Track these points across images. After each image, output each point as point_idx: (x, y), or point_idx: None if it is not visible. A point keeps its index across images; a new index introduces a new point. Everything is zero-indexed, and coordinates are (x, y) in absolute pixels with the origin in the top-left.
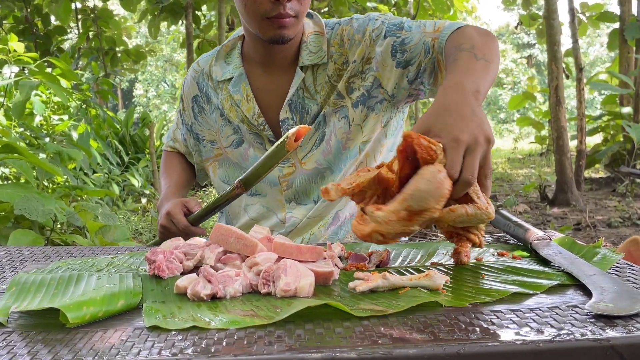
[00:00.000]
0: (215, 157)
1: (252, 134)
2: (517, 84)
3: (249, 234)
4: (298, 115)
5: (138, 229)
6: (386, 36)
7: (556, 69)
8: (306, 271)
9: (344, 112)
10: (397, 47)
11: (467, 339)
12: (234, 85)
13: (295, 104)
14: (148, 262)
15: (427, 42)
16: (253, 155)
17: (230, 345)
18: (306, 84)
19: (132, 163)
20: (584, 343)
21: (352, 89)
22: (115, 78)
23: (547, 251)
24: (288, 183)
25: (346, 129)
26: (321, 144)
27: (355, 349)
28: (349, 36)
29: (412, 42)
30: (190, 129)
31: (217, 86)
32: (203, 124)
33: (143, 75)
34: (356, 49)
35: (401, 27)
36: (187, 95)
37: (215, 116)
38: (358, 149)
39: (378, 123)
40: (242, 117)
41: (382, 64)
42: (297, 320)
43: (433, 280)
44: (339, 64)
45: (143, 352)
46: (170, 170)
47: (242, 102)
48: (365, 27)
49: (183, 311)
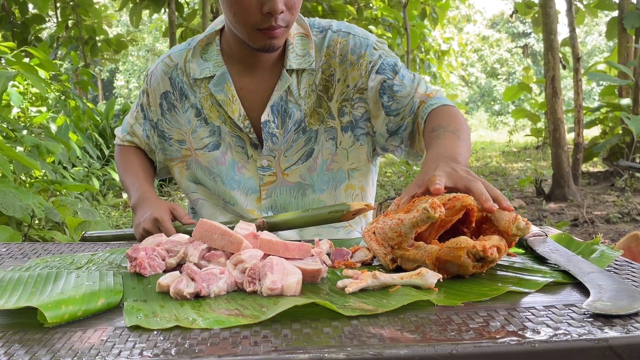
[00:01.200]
0: (182, 157)
1: (234, 136)
2: (512, 75)
3: (234, 230)
4: (280, 119)
5: (119, 225)
6: (379, 72)
7: (552, 59)
8: (293, 269)
9: (332, 133)
10: (386, 90)
11: (460, 339)
12: (217, 84)
13: (277, 106)
14: (129, 259)
15: (415, 102)
16: (230, 160)
17: (215, 345)
18: (291, 87)
19: (112, 156)
20: (581, 343)
21: (343, 112)
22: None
23: (543, 248)
24: (268, 192)
25: (332, 151)
26: (308, 159)
27: (344, 350)
28: (342, 51)
29: (401, 94)
30: (154, 126)
31: (194, 84)
32: (172, 123)
33: (124, 65)
34: (349, 71)
35: (395, 70)
36: (155, 91)
37: (189, 115)
38: (346, 174)
39: (364, 155)
40: (225, 118)
41: (373, 100)
42: (283, 320)
43: (425, 279)
44: (327, 74)
45: (124, 352)
46: (133, 165)
47: (226, 103)
48: (362, 52)
49: (165, 310)
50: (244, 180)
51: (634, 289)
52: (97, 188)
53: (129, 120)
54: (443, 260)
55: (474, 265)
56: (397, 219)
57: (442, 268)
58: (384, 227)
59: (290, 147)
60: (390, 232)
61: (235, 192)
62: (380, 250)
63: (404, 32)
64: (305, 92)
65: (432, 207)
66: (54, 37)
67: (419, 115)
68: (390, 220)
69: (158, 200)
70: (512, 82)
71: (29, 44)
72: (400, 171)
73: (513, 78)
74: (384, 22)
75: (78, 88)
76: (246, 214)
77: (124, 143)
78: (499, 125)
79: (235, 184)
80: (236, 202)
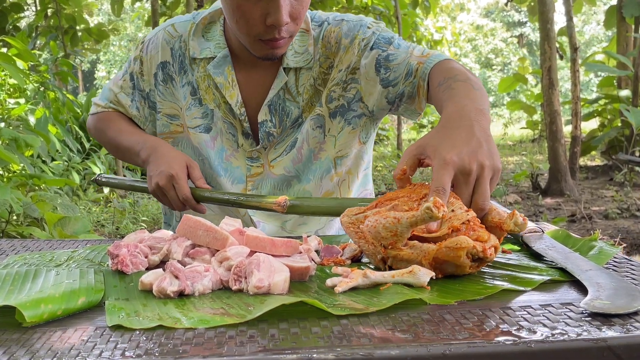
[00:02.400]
0: (171, 133)
1: (226, 122)
2: (507, 65)
3: (219, 226)
4: (277, 118)
5: (100, 221)
6: (373, 48)
7: (549, 49)
8: (280, 266)
9: (319, 120)
10: (382, 62)
11: (453, 339)
12: (217, 66)
13: (275, 104)
14: (111, 256)
15: (411, 65)
16: (219, 146)
17: (199, 345)
18: (288, 85)
19: (93, 150)
20: (579, 343)
21: (331, 97)
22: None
23: (539, 245)
24: (254, 183)
25: (320, 139)
26: (292, 150)
27: (333, 350)
28: (336, 39)
29: (396, 61)
30: (145, 97)
31: (193, 62)
32: (165, 95)
33: (105, 55)
34: (343, 55)
35: (390, 42)
36: (152, 59)
37: (186, 92)
38: (332, 163)
39: (356, 138)
40: (220, 102)
41: (366, 77)
42: (270, 319)
43: (417, 277)
44: (325, 67)
45: (105, 353)
46: (125, 125)
47: (225, 87)
48: (355, 33)
49: (148, 309)
50: (231, 169)
51: (633, 287)
52: (78, 183)
53: (112, 88)
54: (441, 260)
55: (471, 265)
56: (392, 218)
57: (438, 268)
58: (377, 226)
59: (282, 141)
60: (385, 231)
61: (221, 178)
62: (370, 249)
63: (395, 21)
64: (304, 88)
65: (436, 207)
66: (32, 26)
67: (419, 77)
68: (384, 219)
69: (174, 152)
70: (507, 73)
71: (7, 33)
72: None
73: (508, 69)
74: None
75: (58, 79)
76: None
77: (107, 109)
78: (493, 118)
79: (223, 171)
80: (221, 189)
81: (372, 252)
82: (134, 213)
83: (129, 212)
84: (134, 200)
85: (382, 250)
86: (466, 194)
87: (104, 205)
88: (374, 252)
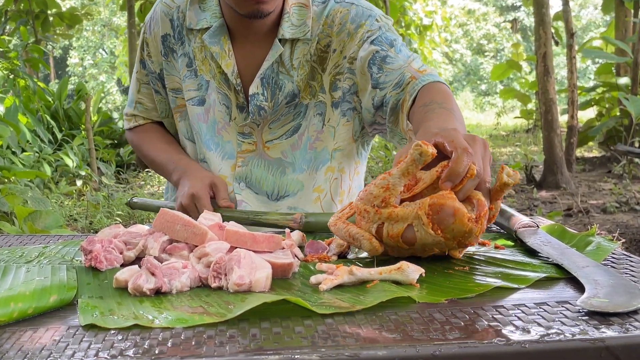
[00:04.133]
0: (178, 107)
1: (220, 93)
2: (500, 52)
3: (198, 221)
4: (269, 92)
5: (73, 215)
6: (374, 42)
7: (544, 35)
8: (262, 262)
9: (321, 108)
10: (377, 61)
11: (443, 339)
12: (212, 36)
13: (268, 78)
14: (84, 252)
15: (404, 76)
16: (212, 118)
17: (177, 346)
18: (283, 57)
19: (65, 140)
20: (576, 344)
21: (336, 86)
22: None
23: (534, 240)
24: (245, 160)
25: (318, 127)
26: (293, 135)
27: (317, 351)
28: (341, 20)
29: (392, 66)
30: (159, 78)
31: (190, 33)
32: (169, 70)
33: (78, 41)
34: (347, 42)
35: (392, 44)
36: (156, 36)
37: (182, 63)
38: (330, 155)
39: (349, 132)
40: (215, 72)
41: (361, 71)
42: (252, 318)
43: (406, 274)
44: (322, 45)
45: (78, 353)
46: (158, 142)
47: (221, 56)
48: (362, 22)
49: (123, 308)
50: (222, 143)
51: (632, 284)
52: (49, 175)
53: (132, 90)
54: (438, 205)
55: (470, 217)
56: (383, 174)
57: (437, 220)
58: (368, 189)
59: (277, 120)
60: (377, 189)
61: (211, 153)
62: (362, 231)
63: (383, 5)
64: (299, 62)
65: (424, 143)
66: (1, 10)
67: (407, 92)
68: (374, 181)
69: (200, 172)
70: (500, 60)
71: None
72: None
73: (501, 55)
74: None
75: (28, 66)
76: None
77: (137, 123)
78: (486, 107)
79: (213, 145)
80: (211, 164)
81: (365, 232)
82: (109, 207)
83: (103, 206)
84: (108, 193)
85: (376, 212)
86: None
87: (76, 199)
88: (368, 221)
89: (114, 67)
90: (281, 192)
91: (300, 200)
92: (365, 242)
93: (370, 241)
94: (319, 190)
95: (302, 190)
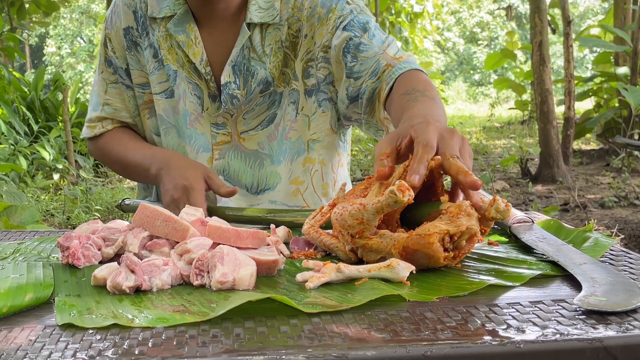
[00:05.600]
0: (146, 103)
1: (191, 83)
2: (494, 40)
3: (179, 216)
4: (242, 79)
5: (49, 210)
6: (346, 28)
7: (540, 22)
8: (246, 259)
9: (294, 96)
10: (351, 49)
11: (435, 339)
12: (177, 24)
13: (239, 65)
14: (61, 248)
15: (380, 63)
16: (183, 110)
17: (157, 346)
18: (253, 43)
19: (42, 132)
20: (572, 344)
21: (308, 73)
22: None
23: (529, 236)
24: (221, 153)
25: (292, 117)
26: (269, 126)
27: (303, 351)
28: (311, 4)
29: (366, 53)
30: (127, 73)
31: (153, 22)
32: (133, 64)
33: (55, 29)
34: (317, 27)
35: (365, 28)
36: (118, 29)
37: (148, 55)
38: (306, 146)
39: (327, 123)
40: (184, 61)
41: (336, 60)
42: (235, 317)
43: (396, 271)
44: (294, 30)
45: (55, 354)
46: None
47: (187, 45)
48: (332, 5)
49: (102, 306)
50: (195, 135)
51: (631, 282)
52: (25, 168)
53: (97, 92)
54: (411, 250)
55: (446, 256)
56: (358, 204)
57: (410, 259)
58: (343, 214)
59: (251, 110)
60: (351, 219)
61: (186, 147)
62: (337, 242)
63: None
64: (271, 49)
65: (400, 190)
66: None
67: (383, 80)
68: (350, 206)
69: (189, 162)
70: (494, 49)
71: None
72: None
73: (495, 44)
74: None
75: (3, 55)
76: None
77: (104, 129)
78: (479, 97)
79: (187, 138)
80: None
81: (340, 244)
82: (87, 201)
83: (81, 201)
84: (87, 187)
85: (350, 240)
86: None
87: (53, 193)
88: (343, 242)
89: (92, 56)
90: (261, 186)
91: (279, 193)
92: (340, 253)
93: (345, 253)
94: (298, 182)
95: (280, 182)
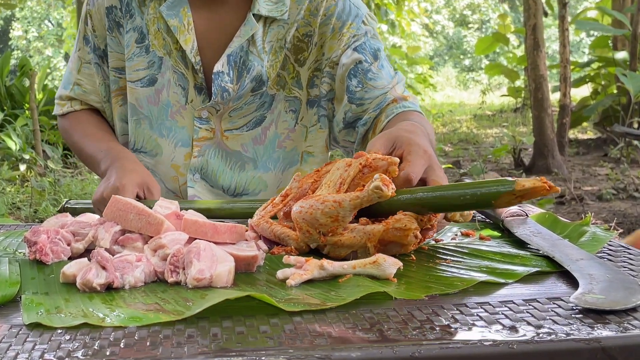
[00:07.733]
0: (120, 89)
1: (176, 72)
2: (486, 23)
3: (153, 209)
4: (236, 72)
5: (15, 203)
6: (358, 50)
7: (534, 5)
8: (224, 255)
9: (295, 104)
10: (358, 73)
11: (423, 339)
12: (171, 7)
13: (236, 56)
14: (28, 243)
15: (387, 98)
16: (165, 100)
17: (130, 347)
18: (255, 36)
19: (8, 121)
20: (569, 344)
21: (313, 83)
22: None
23: (522, 230)
24: (201, 150)
25: (290, 125)
26: (256, 128)
27: (284, 352)
28: (327, 12)
29: (374, 83)
30: (104, 54)
31: (143, 3)
32: (112, 46)
33: (22, 12)
34: (328, 37)
35: (376, 56)
36: (100, 7)
37: (130, 39)
38: (300, 157)
39: (323, 140)
40: (171, 48)
41: (340, 79)
42: (212, 316)
43: (382, 268)
44: (302, 33)
45: (22, 355)
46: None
47: (179, 30)
48: (348, 21)
49: (71, 305)
50: (175, 128)
51: (630, 279)
52: None
53: (71, 69)
54: (386, 241)
55: (415, 243)
56: (332, 202)
57: (382, 249)
58: (314, 213)
59: (239, 108)
60: (324, 217)
61: (162, 140)
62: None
63: None
64: (271, 47)
65: (385, 185)
66: None
67: (385, 112)
68: (321, 204)
69: (132, 165)
70: (486, 32)
71: None
72: None
73: (487, 27)
74: None
75: None
76: (168, 169)
77: (72, 108)
78: (470, 84)
79: (165, 131)
80: (161, 152)
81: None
82: (55, 194)
83: (49, 193)
84: (55, 179)
85: (321, 239)
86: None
87: (20, 185)
88: (308, 240)
89: (61, 41)
90: (239, 189)
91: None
92: (292, 242)
93: (297, 241)
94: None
95: (265, 190)
